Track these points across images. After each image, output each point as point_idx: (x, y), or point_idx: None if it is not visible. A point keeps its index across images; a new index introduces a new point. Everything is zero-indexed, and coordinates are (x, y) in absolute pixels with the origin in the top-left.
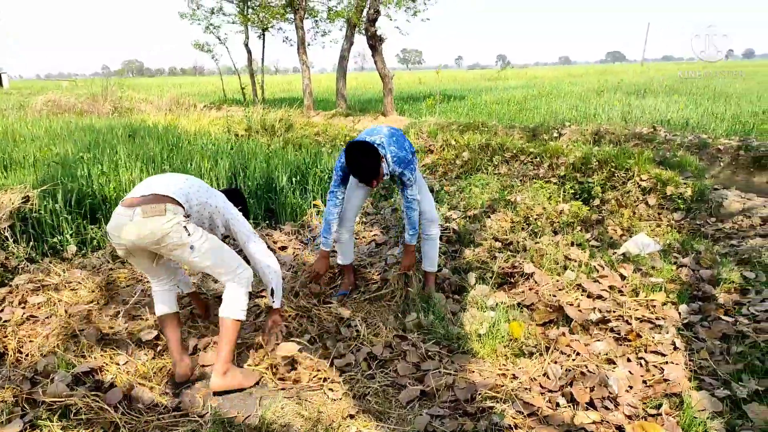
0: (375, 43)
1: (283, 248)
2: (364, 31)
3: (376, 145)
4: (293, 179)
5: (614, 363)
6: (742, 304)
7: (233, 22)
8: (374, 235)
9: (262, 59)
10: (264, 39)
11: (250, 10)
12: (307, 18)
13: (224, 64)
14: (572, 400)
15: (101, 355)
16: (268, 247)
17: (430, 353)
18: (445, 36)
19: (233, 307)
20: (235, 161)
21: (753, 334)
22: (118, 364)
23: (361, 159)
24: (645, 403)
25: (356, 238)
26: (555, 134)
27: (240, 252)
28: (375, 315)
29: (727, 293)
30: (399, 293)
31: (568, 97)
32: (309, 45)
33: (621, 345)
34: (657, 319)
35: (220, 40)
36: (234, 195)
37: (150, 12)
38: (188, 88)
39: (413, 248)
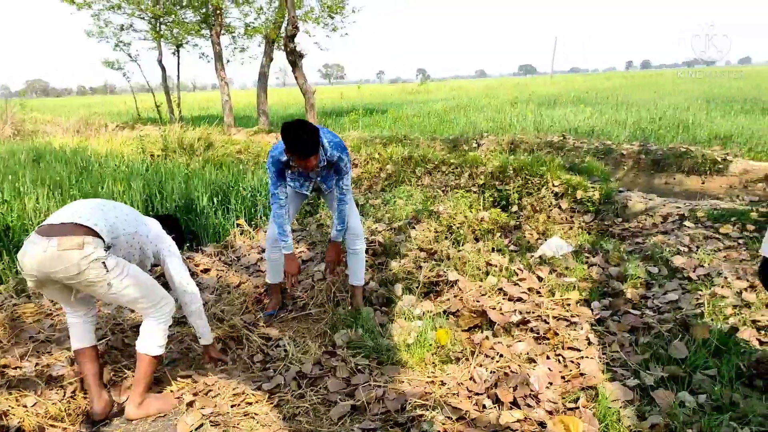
0: (294, 59)
1: (206, 271)
2: (283, 47)
3: None
4: (214, 199)
5: (535, 361)
6: (647, 297)
7: (145, 39)
8: (300, 251)
9: (178, 76)
10: (179, 55)
11: (163, 27)
12: (223, 34)
13: (137, 82)
14: (498, 401)
15: (6, 399)
16: (191, 272)
17: (359, 367)
18: (367, 51)
19: (150, 343)
20: (150, 183)
21: (657, 324)
22: (25, 407)
23: (300, 132)
24: (564, 398)
25: None
26: (474, 145)
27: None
28: (304, 333)
29: (634, 288)
30: (327, 309)
31: (485, 108)
32: (227, 61)
33: (540, 344)
34: (572, 316)
35: (131, 57)
36: (168, 222)
37: (54, 30)
38: (99, 107)
39: (339, 244)
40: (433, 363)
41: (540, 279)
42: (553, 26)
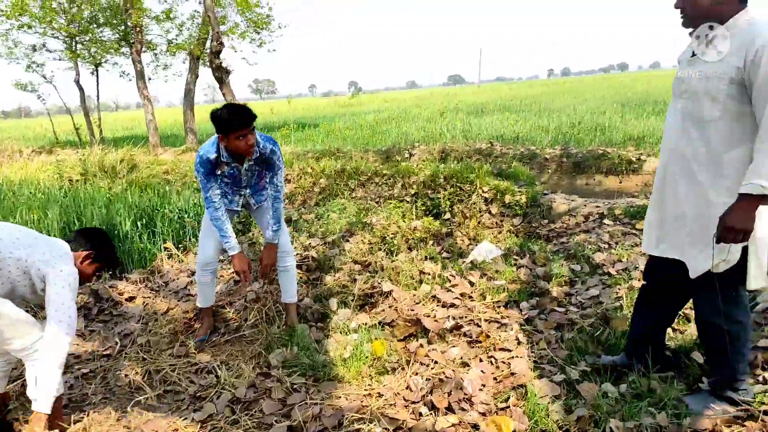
0: (221, 75)
1: (131, 299)
2: (208, 64)
3: None
4: (139, 223)
5: (468, 365)
6: (571, 294)
7: (60, 59)
8: (232, 272)
9: (98, 96)
10: (98, 75)
11: (79, 46)
12: (145, 51)
13: (54, 103)
14: (433, 408)
15: None
16: (113, 301)
17: (295, 386)
18: (299, 65)
19: (43, 397)
20: (68, 210)
21: (580, 320)
22: None
23: (236, 105)
24: (496, 398)
25: None
26: (406, 155)
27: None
28: (237, 356)
29: (559, 286)
30: (261, 329)
31: (416, 119)
32: (150, 79)
33: (473, 347)
34: (502, 318)
35: (45, 78)
36: (92, 236)
37: None
38: (12, 131)
39: (276, 247)
40: (370, 375)
41: (472, 284)
42: (478, 37)
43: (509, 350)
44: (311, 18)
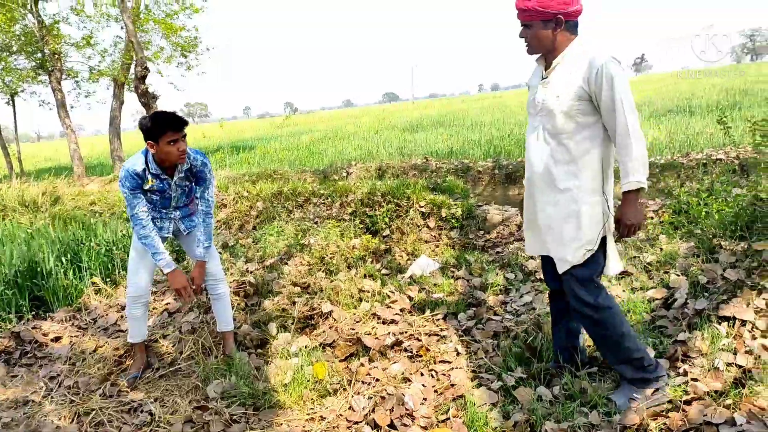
0: (148, 100)
1: (57, 339)
2: (134, 90)
3: None
4: (63, 259)
5: (410, 380)
6: (506, 302)
7: None
8: (167, 303)
9: (15, 127)
10: (14, 105)
11: None
12: (65, 79)
13: None
14: (376, 426)
15: None
16: (37, 343)
17: (235, 417)
18: (232, 87)
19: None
20: None
21: (515, 327)
22: None
23: (167, 111)
24: (437, 411)
25: None
26: (344, 174)
27: None
28: (173, 391)
29: (495, 295)
30: (198, 361)
31: (352, 137)
32: (72, 108)
33: (414, 362)
34: (442, 331)
35: None
36: None
37: None
38: None
39: (205, 264)
40: (312, 399)
41: (411, 299)
42: (411, 55)
43: (449, 362)
44: (245, 40)
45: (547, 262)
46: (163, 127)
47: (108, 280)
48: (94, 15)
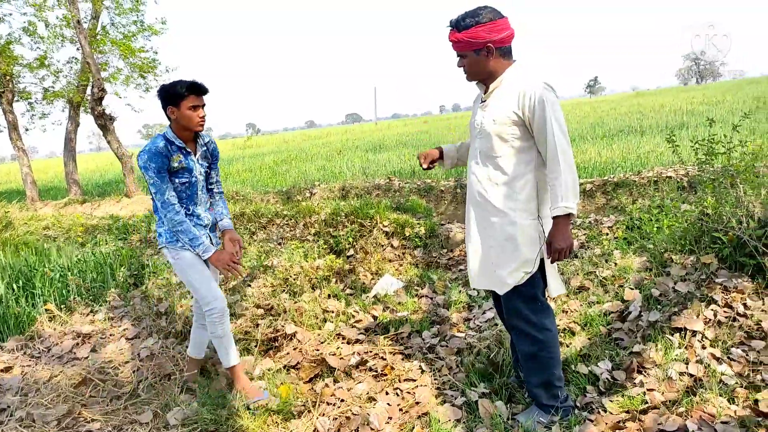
0: (105, 122)
1: (8, 369)
2: (90, 111)
3: None
4: (15, 285)
5: (375, 399)
6: (469, 319)
7: None
8: (124, 329)
9: None
10: None
11: None
12: (17, 100)
13: None
14: None
15: None
16: None
17: None
18: None
19: None
20: None
21: (478, 343)
22: None
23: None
24: (402, 429)
25: (102, 337)
26: (307, 194)
27: None
28: (132, 420)
29: (458, 312)
30: (158, 389)
31: (315, 158)
32: (26, 130)
33: (379, 381)
34: (406, 349)
35: None
36: None
37: None
38: None
39: (235, 232)
40: (276, 422)
41: (375, 318)
42: (373, 76)
43: (413, 380)
44: (204, 60)
45: (497, 298)
46: (186, 90)
47: (62, 306)
48: (49, 36)
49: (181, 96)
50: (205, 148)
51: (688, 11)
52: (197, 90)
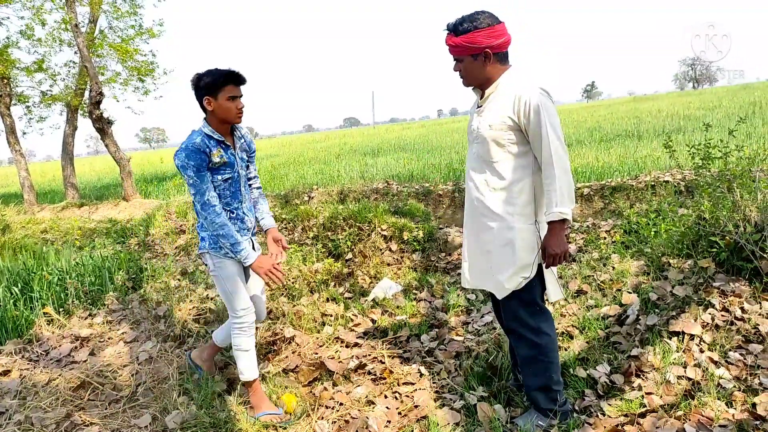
0: (102, 126)
1: (6, 373)
2: (88, 115)
3: None
4: (13, 289)
5: (374, 403)
6: (468, 323)
7: None
8: (123, 333)
9: None
10: None
11: None
12: (15, 104)
13: None
14: None
15: None
16: None
17: None
18: (191, 112)
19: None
20: None
21: (476, 347)
22: None
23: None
24: None
25: (100, 341)
26: (305, 198)
27: None
28: (130, 423)
29: (456, 316)
30: (156, 393)
31: (313, 162)
32: (25, 133)
33: (378, 384)
34: (404, 352)
35: None
36: None
37: None
38: None
39: (277, 231)
40: (275, 426)
41: (374, 321)
42: (371, 81)
43: (412, 383)
44: (205, 63)
45: (496, 302)
46: (224, 79)
47: (61, 310)
48: (46, 39)
49: (218, 86)
50: (243, 140)
51: (686, 11)
52: (236, 79)
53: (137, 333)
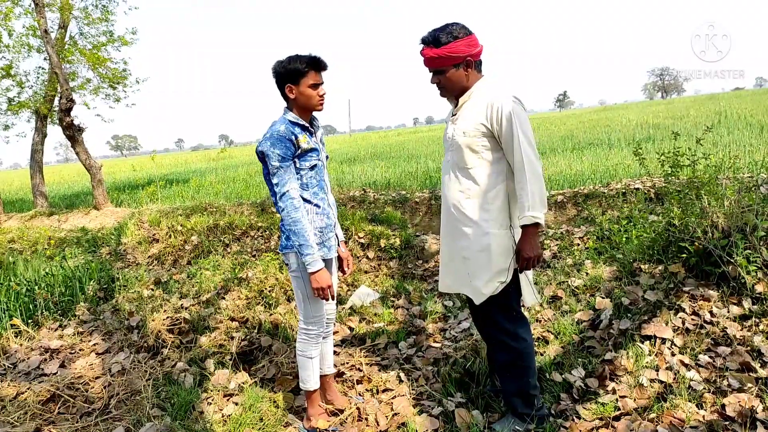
0: (73, 133)
1: None
2: (58, 122)
3: None
4: None
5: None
6: (445, 329)
7: None
8: (95, 344)
9: None
10: None
11: None
12: None
13: None
14: None
15: None
16: None
17: None
18: (164, 119)
19: None
20: None
21: (454, 353)
22: None
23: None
24: None
25: (71, 352)
26: None
27: None
28: None
29: (434, 323)
30: (129, 405)
31: None
32: None
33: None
34: (383, 360)
35: None
36: None
37: None
38: None
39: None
40: None
41: (351, 329)
42: (346, 89)
43: (391, 390)
44: (177, 71)
45: (474, 308)
46: (307, 66)
47: (30, 321)
48: (14, 45)
49: (301, 73)
50: (321, 129)
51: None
52: (317, 65)
53: (109, 344)
